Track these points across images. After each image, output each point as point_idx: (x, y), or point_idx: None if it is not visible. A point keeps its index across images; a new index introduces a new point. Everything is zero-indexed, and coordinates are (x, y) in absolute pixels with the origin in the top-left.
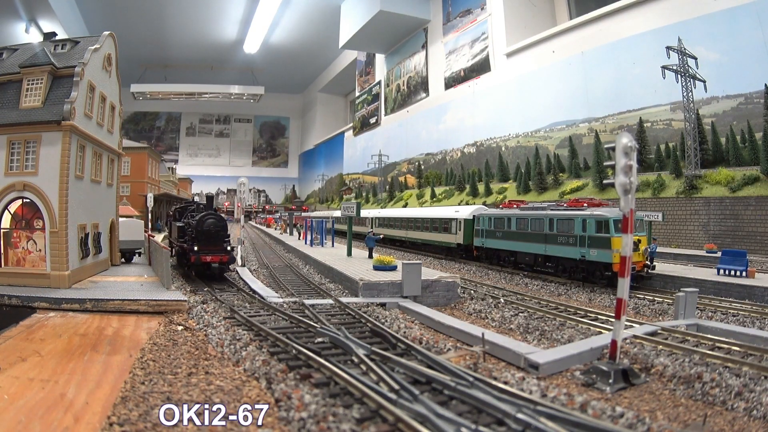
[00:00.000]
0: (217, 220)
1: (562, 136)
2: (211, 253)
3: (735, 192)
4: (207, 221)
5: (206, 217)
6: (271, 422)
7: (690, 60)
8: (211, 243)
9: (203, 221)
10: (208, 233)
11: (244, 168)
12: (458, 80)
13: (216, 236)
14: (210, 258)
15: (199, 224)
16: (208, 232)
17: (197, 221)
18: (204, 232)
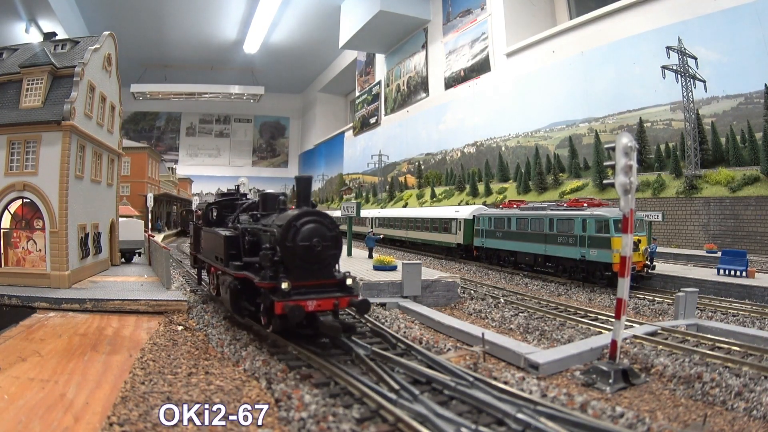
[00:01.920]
0: (325, 225)
1: (562, 136)
2: (316, 293)
3: (735, 192)
4: (306, 228)
5: (303, 221)
6: (271, 422)
7: (690, 60)
8: (315, 271)
9: (298, 229)
10: (310, 253)
11: (244, 168)
12: (458, 80)
13: (323, 258)
14: (316, 303)
15: (289, 234)
16: (309, 250)
17: (284, 228)
18: (301, 251)
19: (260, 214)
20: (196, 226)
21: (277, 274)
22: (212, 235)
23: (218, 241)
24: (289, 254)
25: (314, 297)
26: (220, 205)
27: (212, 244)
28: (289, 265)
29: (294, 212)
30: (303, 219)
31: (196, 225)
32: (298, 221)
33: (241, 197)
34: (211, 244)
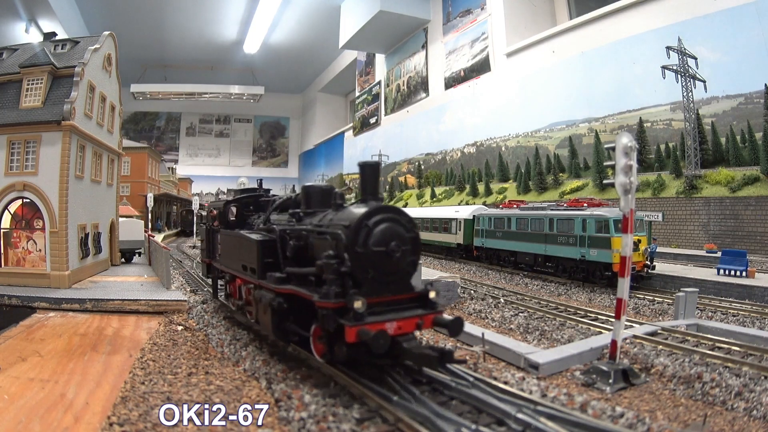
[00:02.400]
0: (403, 224)
1: (562, 136)
2: (393, 312)
3: (735, 192)
4: (380, 228)
5: (376, 219)
6: (271, 422)
7: (690, 60)
8: (391, 284)
9: (371, 230)
10: (386, 261)
11: (244, 168)
12: (458, 80)
13: (401, 267)
14: (396, 326)
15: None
16: (385, 257)
17: (353, 229)
18: (376, 258)
19: (303, 212)
20: (209, 228)
21: (345, 290)
22: (237, 240)
23: (248, 247)
24: (359, 263)
25: (393, 317)
26: (241, 202)
27: (237, 250)
28: (359, 277)
29: (362, 209)
30: (376, 217)
31: (209, 227)
32: (370, 220)
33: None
34: (236, 250)
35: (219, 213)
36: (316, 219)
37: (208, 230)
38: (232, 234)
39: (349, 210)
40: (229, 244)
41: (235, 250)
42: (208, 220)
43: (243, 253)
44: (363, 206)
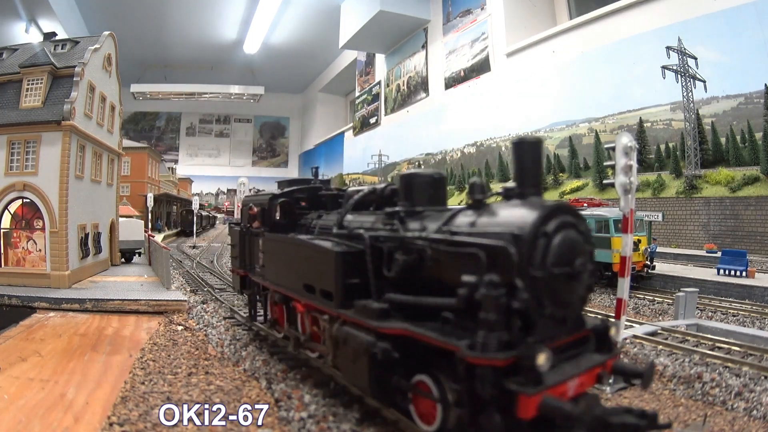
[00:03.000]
0: (581, 231)
1: (562, 136)
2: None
3: (735, 192)
4: (560, 239)
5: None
6: (271, 422)
7: (690, 60)
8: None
9: (549, 241)
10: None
11: (244, 168)
12: (458, 80)
13: (580, 295)
14: (578, 383)
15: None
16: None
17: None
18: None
19: (405, 211)
20: (244, 230)
21: (514, 335)
22: (294, 249)
23: (318, 260)
24: (536, 293)
25: (572, 371)
26: (293, 197)
27: (296, 263)
28: (534, 315)
29: (530, 209)
30: (553, 222)
31: (244, 229)
32: (548, 225)
33: (324, 185)
34: (293, 263)
35: (261, 211)
36: (432, 222)
37: (242, 233)
38: (284, 240)
39: (506, 211)
40: (280, 253)
41: (291, 263)
42: (243, 220)
43: (307, 267)
44: (527, 205)
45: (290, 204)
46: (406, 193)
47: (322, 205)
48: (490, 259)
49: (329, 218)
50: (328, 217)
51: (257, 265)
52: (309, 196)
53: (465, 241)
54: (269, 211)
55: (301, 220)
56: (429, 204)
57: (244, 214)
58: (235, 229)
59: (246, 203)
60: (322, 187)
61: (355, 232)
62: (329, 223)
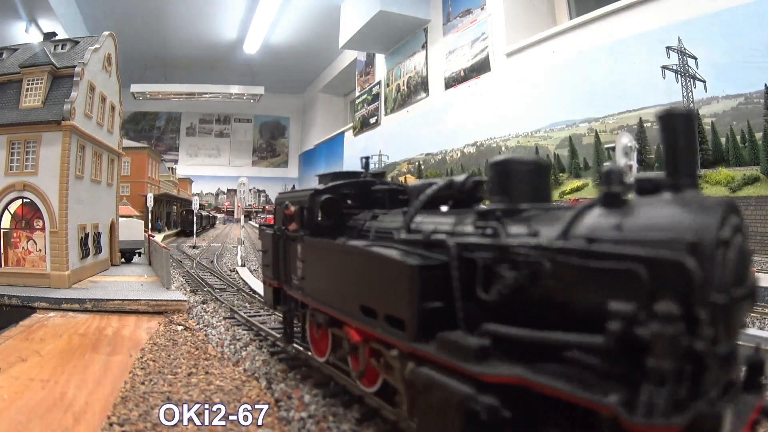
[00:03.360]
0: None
1: (562, 136)
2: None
3: (735, 192)
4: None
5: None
6: (271, 422)
7: (690, 60)
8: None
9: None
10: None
11: (244, 168)
12: (458, 80)
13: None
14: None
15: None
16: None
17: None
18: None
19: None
20: (277, 234)
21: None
22: (349, 258)
23: (383, 273)
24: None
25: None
26: (340, 193)
27: (349, 277)
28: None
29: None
30: (729, 224)
31: (278, 232)
32: (724, 230)
33: (378, 179)
34: (346, 276)
35: (299, 211)
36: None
37: (276, 237)
38: (331, 247)
39: (660, 209)
40: (325, 263)
41: (341, 276)
42: (277, 221)
43: (366, 283)
44: (690, 202)
45: (336, 202)
46: (500, 185)
47: (376, 203)
48: (656, 277)
49: (389, 219)
50: (387, 218)
51: (294, 277)
52: (359, 192)
53: (613, 252)
54: (310, 211)
55: (350, 222)
56: (531, 200)
57: (278, 215)
58: (267, 233)
59: (280, 201)
60: (376, 181)
61: (433, 238)
62: (390, 225)
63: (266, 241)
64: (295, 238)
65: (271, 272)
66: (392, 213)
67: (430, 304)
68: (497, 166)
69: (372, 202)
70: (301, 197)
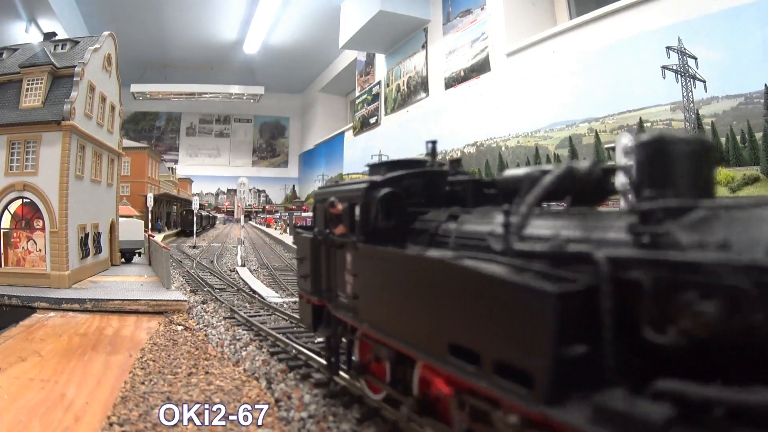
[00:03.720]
0: None
1: (562, 136)
2: None
3: (735, 192)
4: None
5: None
6: (271, 422)
7: (690, 60)
8: None
9: None
10: None
11: (244, 168)
12: (458, 80)
13: None
14: None
15: None
16: None
17: None
18: None
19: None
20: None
21: None
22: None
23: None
24: None
25: None
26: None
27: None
28: None
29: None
30: None
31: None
32: None
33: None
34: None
35: (349, 209)
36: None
37: (317, 242)
38: (400, 259)
39: None
40: (391, 279)
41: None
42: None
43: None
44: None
45: (400, 198)
46: (655, 173)
47: (451, 200)
48: None
49: (476, 220)
50: (472, 219)
51: (342, 294)
52: (427, 184)
53: None
54: (365, 210)
55: (416, 224)
56: (694, 193)
57: (319, 215)
58: (304, 237)
59: (321, 198)
60: (449, 172)
61: (569, 250)
62: (481, 228)
63: (303, 247)
64: (344, 244)
65: (309, 286)
66: (479, 212)
67: (574, 349)
68: (650, 147)
69: (444, 198)
70: (352, 192)
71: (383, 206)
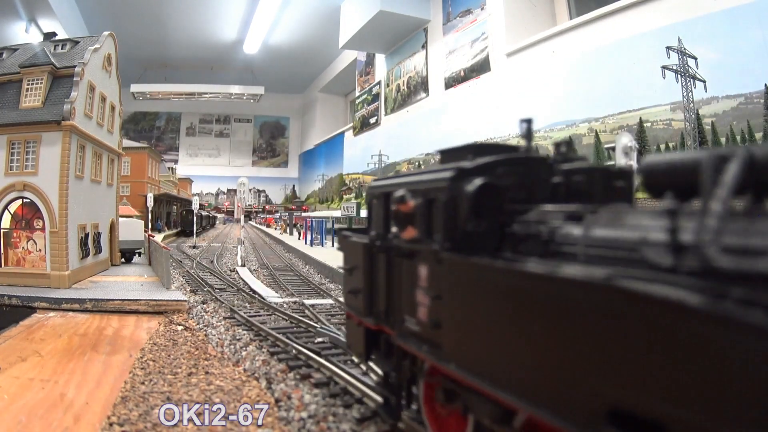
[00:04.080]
0: None
1: (562, 136)
2: None
3: None
4: None
5: None
6: (271, 422)
7: (690, 60)
8: None
9: None
10: None
11: (244, 168)
12: (458, 80)
13: None
14: None
15: None
16: None
17: None
18: None
19: None
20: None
21: None
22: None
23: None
24: None
25: None
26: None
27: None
28: None
29: None
30: None
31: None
32: None
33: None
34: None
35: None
36: None
37: (374, 248)
38: (519, 278)
39: None
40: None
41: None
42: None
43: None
44: None
45: (498, 192)
46: None
47: (568, 194)
48: None
49: (612, 225)
50: (606, 222)
51: (411, 319)
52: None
53: None
54: (450, 207)
55: (516, 226)
56: None
57: (377, 213)
58: (353, 241)
59: (381, 191)
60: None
61: None
62: (628, 235)
63: (353, 255)
64: (416, 253)
65: (361, 304)
66: (609, 212)
67: None
68: None
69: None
70: (430, 183)
71: (478, 202)
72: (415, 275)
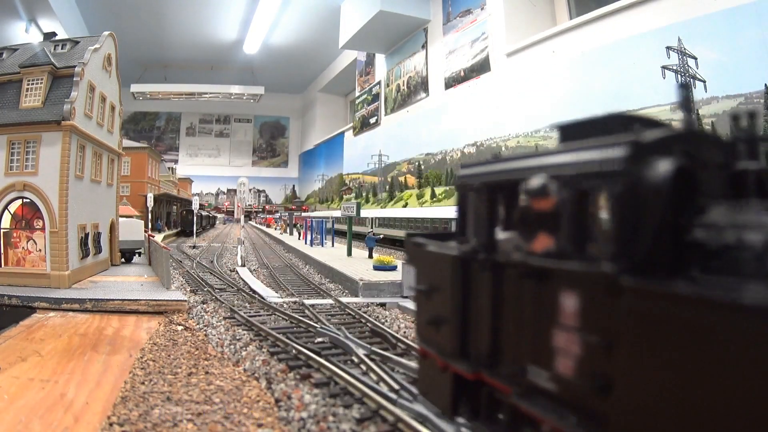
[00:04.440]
0: None
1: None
2: None
3: None
4: None
5: None
6: (271, 422)
7: (690, 60)
8: None
9: None
10: None
11: (244, 168)
12: (458, 80)
13: None
14: None
15: None
16: None
17: None
18: None
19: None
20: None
21: None
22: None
23: None
24: None
25: None
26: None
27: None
28: None
29: None
30: None
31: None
32: None
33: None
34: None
35: (580, 200)
36: None
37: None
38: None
39: None
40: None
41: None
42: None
43: None
44: None
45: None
46: None
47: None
48: None
49: None
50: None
51: (541, 372)
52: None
53: None
54: (632, 203)
55: (696, 232)
56: None
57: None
58: (430, 251)
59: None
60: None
61: None
62: None
63: (434, 271)
64: (557, 274)
65: (447, 340)
66: None
67: None
68: None
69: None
70: (581, 166)
71: (677, 197)
72: (552, 306)
